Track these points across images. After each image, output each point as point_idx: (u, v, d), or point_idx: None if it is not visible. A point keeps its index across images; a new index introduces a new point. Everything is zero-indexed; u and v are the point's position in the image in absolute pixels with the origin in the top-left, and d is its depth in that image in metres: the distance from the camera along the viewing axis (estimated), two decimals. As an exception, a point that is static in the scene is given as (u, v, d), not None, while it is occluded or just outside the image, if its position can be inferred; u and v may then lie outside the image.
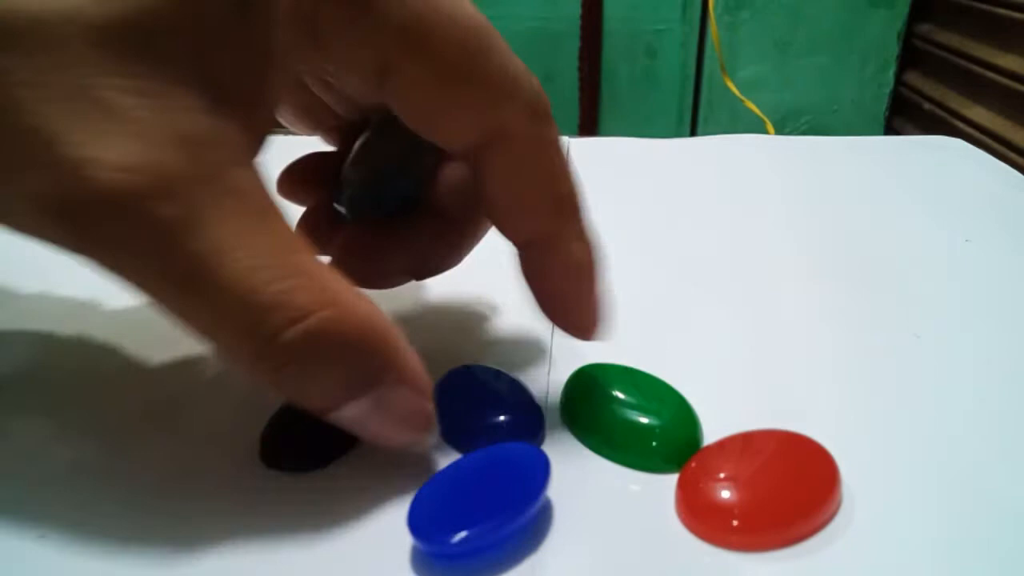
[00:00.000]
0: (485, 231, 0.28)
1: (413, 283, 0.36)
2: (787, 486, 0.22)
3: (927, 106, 1.34)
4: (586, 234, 0.25)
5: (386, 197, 0.27)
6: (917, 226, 0.41)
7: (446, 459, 0.24)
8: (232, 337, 0.18)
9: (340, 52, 0.20)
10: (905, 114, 1.46)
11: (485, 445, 0.24)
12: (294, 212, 0.28)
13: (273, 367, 0.19)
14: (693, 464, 0.23)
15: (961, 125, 1.20)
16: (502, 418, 0.25)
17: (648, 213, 0.43)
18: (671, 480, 0.23)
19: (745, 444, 0.24)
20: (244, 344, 0.18)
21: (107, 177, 0.16)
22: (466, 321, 0.33)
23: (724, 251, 0.39)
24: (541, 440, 0.26)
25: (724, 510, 0.22)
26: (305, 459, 0.24)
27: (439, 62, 0.20)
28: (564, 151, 0.24)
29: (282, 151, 0.55)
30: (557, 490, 0.23)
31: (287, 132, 0.59)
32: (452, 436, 0.25)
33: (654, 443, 0.24)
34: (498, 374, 0.28)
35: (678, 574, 0.21)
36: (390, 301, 0.34)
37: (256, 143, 0.20)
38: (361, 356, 0.20)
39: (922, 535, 0.22)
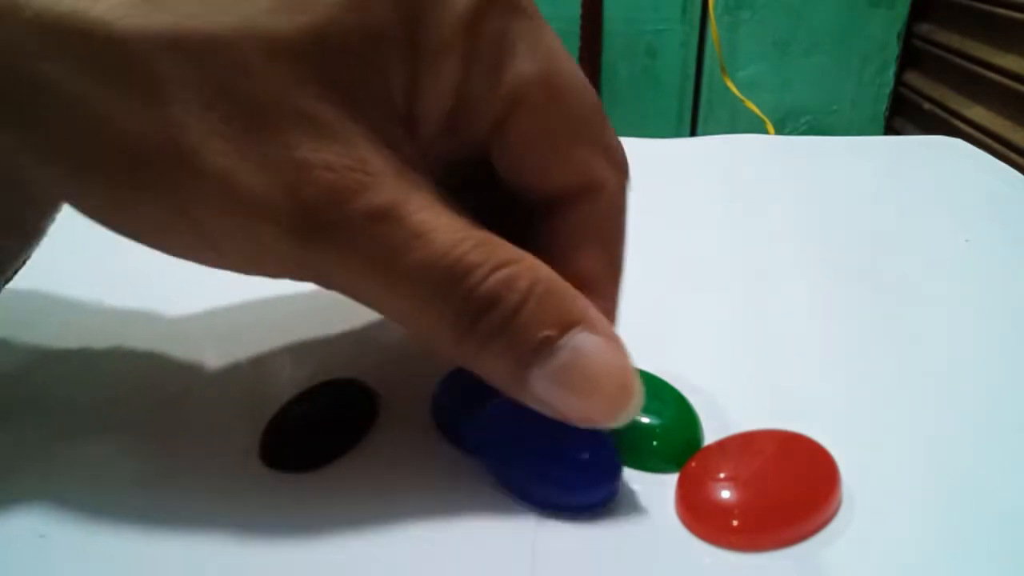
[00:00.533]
0: None
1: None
2: (787, 486, 0.22)
3: (927, 106, 1.34)
4: (614, 314, 0.25)
5: None
6: (917, 226, 0.41)
7: (446, 455, 0.24)
8: (434, 308, 0.19)
9: (476, 90, 0.21)
10: (905, 114, 1.46)
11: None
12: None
13: (470, 324, 0.19)
14: (693, 464, 0.23)
15: (961, 125, 1.20)
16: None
17: (648, 213, 0.43)
18: (671, 480, 0.23)
19: (745, 444, 0.24)
20: (445, 309, 0.19)
21: (329, 176, 0.18)
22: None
23: (724, 251, 0.39)
24: None
25: (724, 510, 0.22)
26: (305, 459, 0.24)
27: (566, 113, 0.22)
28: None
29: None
30: (557, 490, 0.23)
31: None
32: (453, 432, 0.26)
33: (654, 443, 0.24)
34: None
35: (678, 574, 0.21)
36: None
37: (418, 156, 0.21)
38: (554, 300, 0.20)
39: (922, 535, 0.22)
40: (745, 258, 0.38)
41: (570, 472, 0.23)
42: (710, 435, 0.25)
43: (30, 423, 0.27)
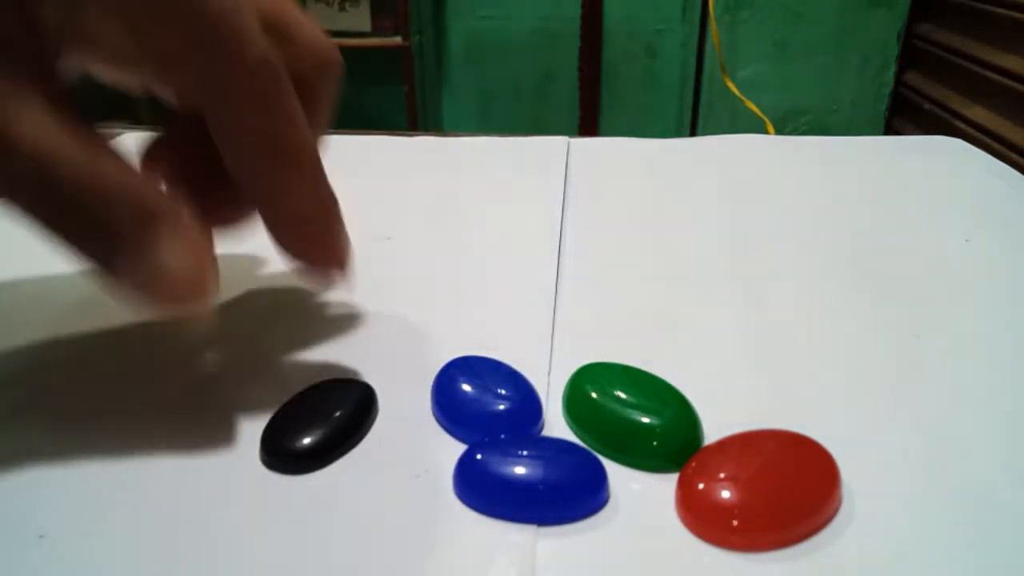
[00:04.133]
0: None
1: (417, 274, 0.36)
2: (787, 486, 0.22)
3: (927, 106, 1.34)
4: (316, 188, 0.26)
5: None
6: (917, 226, 0.41)
7: (446, 448, 0.25)
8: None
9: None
10: (905, 114, 1.46)
11: (484, 433, 0.25)
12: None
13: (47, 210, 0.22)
14: (693, 464, 0.23)
15: (961, 125, 1.20)
16: (501, 407, 0.26)
17: (648, 213, 0.43)
18: (671, 480, 0.23)
19: (745, 444, 0.24)
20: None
21: None
22: (468, 318, 0.33)
23: (724, 251, 0.39)
24: (540, 428, 0.26)
25: (724, 510, 0.22)
26: (305, 459, 0.24)
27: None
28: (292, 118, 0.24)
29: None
30: (557, 490, 0.23)
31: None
32: (450, 425, 0.26)
33: (654, 443, 0.24)
34: (497, 365, 0.28)
35: (678, 574, 0.21)
36: (393, 291, 0.34)
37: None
38: (113, 204, 0.22)
39: (922, 535, 0.22)
40: (745, 258, 0.38)
41: (560, 495, 0.23)
42: (710, 435, 0.25)
43: (30, 424, 0.27)
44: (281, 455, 0.25)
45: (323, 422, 0.25)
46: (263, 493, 0.24)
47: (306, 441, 0.25)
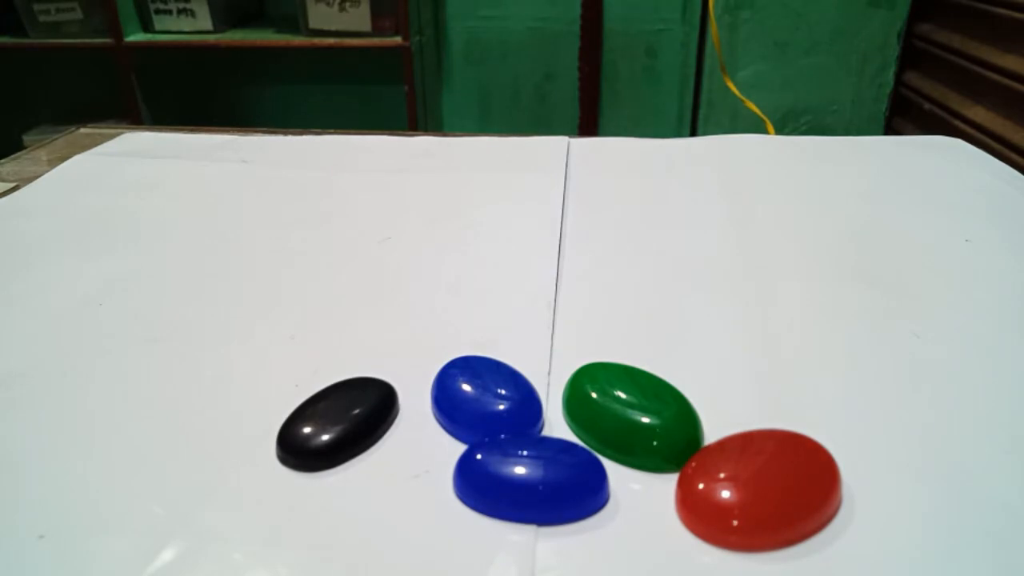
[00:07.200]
0: None
1: (417, 275, 0.36)
2: (787, 486, 0.22)
3: (927, 106, 1.34)
4: None
5: None
6: (917, 226, 0.41)
7: (446, 448, 0.25)
8: None
9: None
10: (905, 114, 1.46)
11: (484, 433, 0.25)
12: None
13: None
14: (693, 464, 0.23)
15: (961, 125, 1.20)
16: (501, 407, 0.26)
17: (648, 213, 0.43)
18: (671, 480, 0.23)
19: (745, 444, 0.24)
20: None
21: None
22: (468, 318, 0.33)
23: (724, 251, 0.39)
24: (540, 428, 0.26)
25: (724, 510, 0.22)
26: (319, 459, 0.25)
27: None
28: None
29: (282, 149, 0.55)
30: (557, 490, 0.23)
31: (286, 132, 0.59)
32: (450, 425, 0.26)
33: (655, 443, 0.24)
34: (497, 365, 0.28)
35: (678, 574, 0.21)
36: (392, 291, 0.34)
37: None
38: None
39: (922, 535, 0.22)
40: (745, 258, 0.38)
41: (560, 495, 0.23)
42: (710, 435, 0.25)
43: (35, 420, 0.27)
44: (296, 455, 0.25)
45: (339, 422, 0.25)
46: (279, 491, 0.24)
47: (322, 441, 0.25)
